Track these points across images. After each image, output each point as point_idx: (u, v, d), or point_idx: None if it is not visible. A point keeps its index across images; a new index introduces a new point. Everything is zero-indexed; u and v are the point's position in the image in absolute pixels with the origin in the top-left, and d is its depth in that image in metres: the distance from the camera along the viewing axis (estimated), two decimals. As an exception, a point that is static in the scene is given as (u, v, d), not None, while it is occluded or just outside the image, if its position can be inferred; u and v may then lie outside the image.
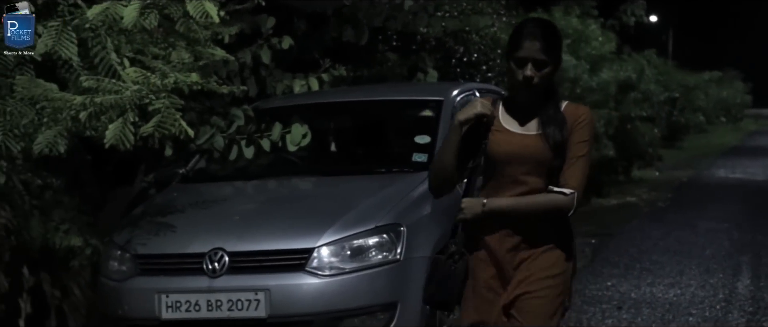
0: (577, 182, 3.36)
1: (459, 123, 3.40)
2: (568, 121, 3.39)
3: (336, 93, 6.76)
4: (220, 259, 5.00)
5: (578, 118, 3.40)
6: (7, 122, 4.82)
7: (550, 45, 3.35)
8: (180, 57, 5.11)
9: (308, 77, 6.85)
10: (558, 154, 3.37)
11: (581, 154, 3.37)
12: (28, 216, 5.58)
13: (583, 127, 3.39)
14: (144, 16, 5.03)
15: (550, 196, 3.36)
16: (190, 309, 4.98)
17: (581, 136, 3.38)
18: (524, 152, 3.38)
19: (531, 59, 3.31)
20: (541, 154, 3.37)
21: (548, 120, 3.38)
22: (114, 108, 4.86)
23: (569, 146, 3.37)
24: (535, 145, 3.38)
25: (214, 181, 5.94)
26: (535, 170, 3.38)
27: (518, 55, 3.33)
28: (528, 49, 3.32)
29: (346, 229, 5.01)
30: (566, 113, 3.41)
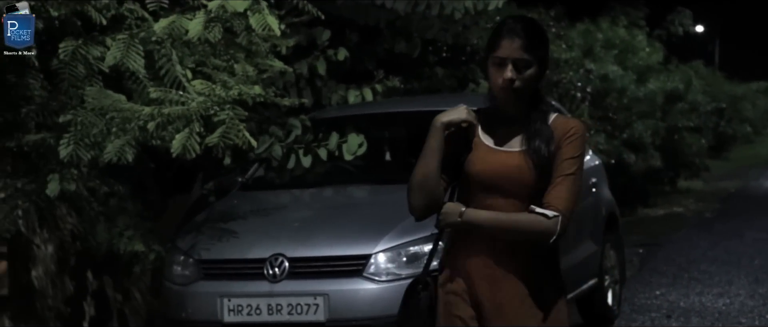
0: (563, 204, 2.88)
1: (442, 124, 2.95)
2: (555, 135, 2.93)
3: (390, 103, 6.91)
4: (280, 264, 5.17)
5: (567, 132, 2.93)
6: (78, 132, 5.03)
7: (532, 44, 2.91)
8: (244, 69, 5.29)
9: (362, 88, 7.02)
10: (543, 175, 2.92)
11: (569, 173, 2.90)
12: (94, 222, 5.78)
13: (573, 141, 2.93)
14: (208, 30, 5.23)
15: (530, 217, 2.88)
16: (251, 313, 5.15)
17: (570, 151, 2.92)
18: (503, 172, 2.93)
19: (511, 59, 2.88)
20: (523, 175, 2.92)
21: (533, 134, 2.93)
22: (180, 118, 5.06)
23: (556, 163, 2.91)
24: (517, 164, 2.93)
25: (273, 189, 6.11)
26: (516, 194, 2.93)
27: (496, 55, 2.90)
28: (507, 48, 2.89)
29: (402, 236, 5.16)
30: (554, 126, 2.95)
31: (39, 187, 5.24)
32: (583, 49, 12.98)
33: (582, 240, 6.65)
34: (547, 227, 2.87)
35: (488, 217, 2.92)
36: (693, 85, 16.99)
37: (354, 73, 7.53)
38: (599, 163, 7.40)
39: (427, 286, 3.08)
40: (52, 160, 5.21)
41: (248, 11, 5.23)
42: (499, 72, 2.90)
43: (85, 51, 5.15)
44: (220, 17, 5.25)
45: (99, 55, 5.18)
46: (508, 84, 2.89)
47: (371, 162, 6.30)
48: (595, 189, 6.99)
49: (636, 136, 13.12)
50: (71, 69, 5.18)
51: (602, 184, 7.18)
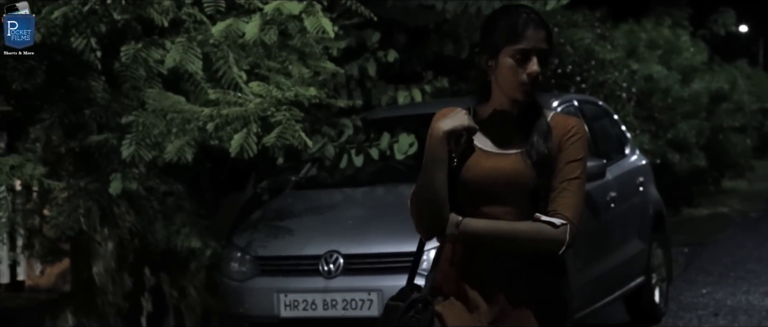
0: (571, 211, 2.63)
1: (445, 134, 2.64)
2: (554, 135, 2.68)
3: (439, 104, 7.01)
4: (335, 260, 5.31)
5: (568, 132, 2.68)
6: (140, 132, 5.20)
7: (550, 35, 2.70)
8: (300, 72, 5.43)
9: (411, 89, 7.14)
10: (543, 178, 2.66)
11: (573, 177, 2.65)
12: (152, 220, 5.94)
13: (575, 142, 2.68)
14: (264, 32, 5.37)
15: (536, 226, 2.62)
16: (307, 308, 5.29)
17: (573, 153, 2.67)
18: (501, 177, 2.66)
19: (537, 51, 2.62)
20: (522, 179, 2.66)
21: (531, 134, 2.68)
22: (238, 119, 5.21)
23: (558, 167, 2.66)
24: (514, 167, 2.66)
25: (325, 188, 6.24)
26: (516, 201, 2.66)
27: (521, 47, 2.61)
28: (533, 39, 2.62)
29: (454, 234, 5.26)
30: (553, 125, 2.70)
31: (101, 186, 5.41)
32: (626, 50, 13.00)
33: (629, 238, 6.72)
34: (555, 236, 2.60)
35: (488, 227, 2.64)
36: (738, 84, 16.92)
37: (402, 74, 7.65)
38: (646, 163, 7.46)
39: (428, 304, 2.72)
40: (114, 159, 5.38)
41: (303, 14, 5.38)
42: (522, 66, 2.61)
43: (146, 54, 5.32)
44: (276, 20, 5.40)
45: (159, 58, 5.35)
46: (535, 79, 2.62)
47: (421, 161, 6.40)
48: (643, 188, 7.05)
49: (680, 136, 13.11)
50: (132, 71, 5.35)
51: (649, 184, 7.24)
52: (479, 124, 2.69)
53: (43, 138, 5.44)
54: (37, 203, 5.74)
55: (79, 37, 5.11)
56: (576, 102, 6.75)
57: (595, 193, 6.13)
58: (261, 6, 5.42)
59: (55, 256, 5.84)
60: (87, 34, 5.12)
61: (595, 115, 6.99)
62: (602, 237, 6.25)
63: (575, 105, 6.67)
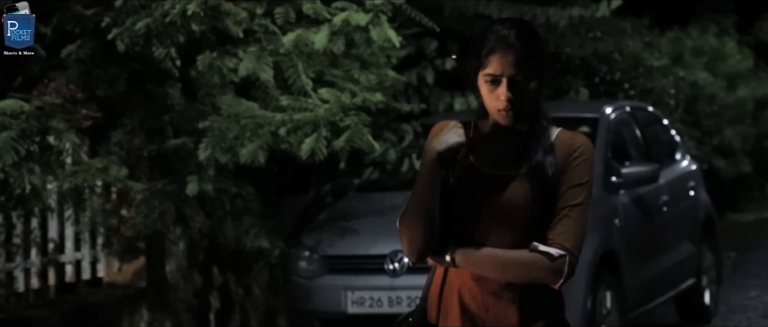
0: (571, 241, 2.42)
1: (437, 154, 2.45)
2: (559, 155, 2.46)
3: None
4: (400, 259, 5.56)
5: (574, 152, 2.46)
6: (216, 137, 5.50)
7: (530, 53, 2.44)
8: (367, 79, 5.71)
9: (467, 95, 7.39)
10: (544, 202, 2.44)
11: (576, 203, 2.44)
12: (222, 220, 6.24)
13: (581, 163, 2.46)
14: (332, 42, 5.66)
15: (533, 257, 2.41)
16: (373, 305, 5.56)
17: (578, 176, 2.45)
18: (496, 199, 2.46)
19: (507, 77, 2.42)
20: (520, 203, 2.45)
21: (532, 153, 2.46)
22: (309, 124, 5.50)
23: (561, 190, 2.44)
24: (513, 189, 2.45)
25: (387, 191, 6.50)
26: (512, 226, 2.46)
27: (488, 72, 2.44)
28: (500, 63, 2.42)
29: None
30: (558, 144, 2.48)
31: (178, 187, 5.71)
32: (672, 57, 13.15)
33: (680, 241, 6.91)
34: (553, 269, 2.40)
35: (483, 258, 2.45)
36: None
37: (458, 81, 7.89)
38: (696, 168, 7.65)
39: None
40: (190, 162, 5.68)
41: (369, 25, 5.65)
42: (493, 92, 2.44)
43: (220, 63, 5.62)
44: (343, 30, 5.68)
45: (232, 67, 5.65)
46: (508, 107, 2.43)
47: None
48: (693, 192, 7.25)
49: (726, 142, 13.24)
50: (207, 79, 5.66)
51: (699, 188, 7.43)
52: (479, 140, 2.51)
53: (125, 142, 5.75)
54: (115, 204, 6.05)
55: (160, 46, 5.42)
56: (628, 108, 6.97)
57: (647, 196, 6.34)
58: (329, 17, 5.70)
59: (132, 254, 6.15)
60: (167, 44, 5.43)
61: (647, 120, 7.19)
62: (654, 240, 6.45)
63: (628, 111, 6.88)
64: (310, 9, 5.75)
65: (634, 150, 6.69)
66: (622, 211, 6.03)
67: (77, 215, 5.72)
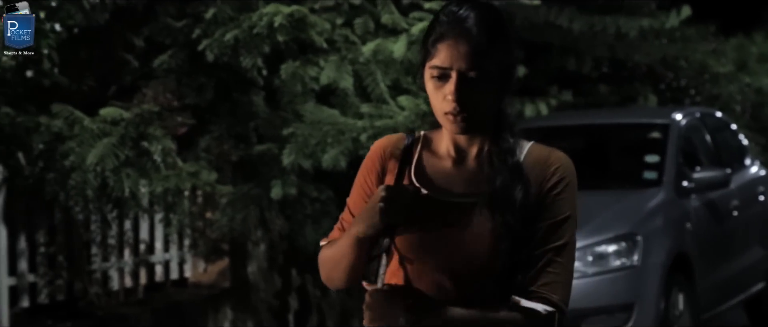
0: (560, 293, 1.92)
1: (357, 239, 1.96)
2: (532, 177, 1.94)
3: (569, 116, 7.43)
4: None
5: (551, 175, 1.94)
6: (299, 143, 5.73)
7: (491, 42, 1.90)
8: (446, 86, 5.90)
9: (537, 102, 7.56)
10: (512, 237, 1.90)
11: (561, 243, 1.93)
12: (303, 224, 6.47)
13: (562, 191, 1.94)
14: (410, 51, 5.87)
15: (512, 318, 1.90)
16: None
17: (560, 209, 1.93)
18: (450, 235, 1.92)
19: (458, 71, 1.90)
20: (481, 238, 1.91)
21: (498, 177, 1.92)
22: (388, 130, 5.71)
23: (538, 227, 1.92)
24: (472, 222, 1.92)
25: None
26: (472, 270, 1.92)
27: (435, 64, 1.92)
28: (449, 55, 1.90)
29: (587, 238, 5.66)
30: (530, 163, 1.95)
31: (262, 191, 5.96)
32: (737, 63, 13.16)
33: (750, 245, 7.00)
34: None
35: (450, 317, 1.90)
36: None
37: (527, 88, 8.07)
38: (766, 174, 7.72)
39: None
40: (274, 167, 5.92)
41: (446, 34, 5.84)
42: (440, 90, 1.92)
43: (303, 71, 5.86)
44: (420, 39, 5.87)
45: (313, 75, 5.89)
46: (456, 110, 1.90)
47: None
48: (763, 197, 7.33)
49: (791, 148, 13.20)
50: (290, 87, 5.90)
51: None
52: (429, 156, 2.00)
53: (213, 148, 6.00)
54: (201, 207, 6.32)
55: (247, 56, 5.67)
56: (698, 113, 7.09)
57: (718, 201, 6.45)
58: (407, 27, 5.92)
59: (217, 255, 6.41)
60: (254, 54, 5.68)
61: (717, 126, 7.29)
62: (725, 243, 6.56)
63: (697, 116, 7.00)
64: (388, 19, 5.97)
65: (705, 155, 6.81)
66: (694, 215, 6.15)
67: (168, 217, 5.99)
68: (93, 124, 5.05)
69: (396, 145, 2.05)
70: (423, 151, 2.03)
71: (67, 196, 5.19)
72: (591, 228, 5.72)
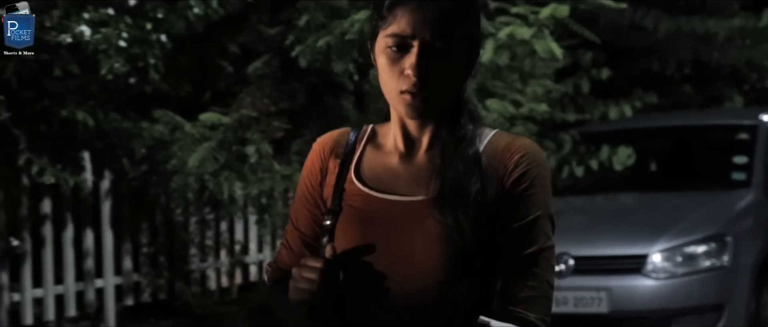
0: (539, 310, 1.62)
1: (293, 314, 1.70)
2: (494, 171, 1.64)
3: (654, 118, 7.45)
4: (566, 261, 5.81)
5: (514, 164, 1.64)
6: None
7: (458, 10, 1.63)
8: (534, 90, 5.99)
9: (621, 104, 7.59)
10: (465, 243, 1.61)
11: (536, 249, 1.63)
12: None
13: (529, 186, 1.63)
14: (497, 55, 5.96)
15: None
16: (540, 304, 5.81)
17: (526, 208, 1.63)
18: (395, 240, 1.64)
19: (420, 41, 1.62)
20: (432, 242, 1.62)
21: (450, 168, 1.64)
22: (477, 133, 5.81)
23: (506, 228, 1.62)
24: (420, 223, 1.63)
25: (547, 197, 6.75)
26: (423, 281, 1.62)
27: (391, 32, 1.63)
28: (411, 20, 1.62)
29: (677, 238, 5.69)
30: (489, 153, 1.66)
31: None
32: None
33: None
34: None
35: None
36: None
37: (610, 90, 8.10)
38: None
39: None
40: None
41: (533, 38, 5.93)
42: (397, 63, 1.63)
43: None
44: (507, 44, 5.98)
45: (403, 79, 6.01)
46: (417, 87, 1.61)
47: (638, 172, 6.86)
48: None
49: None
50: (380, 91, 6.03)
51: None
52: (374, 150, 1.73)
53: (305, 151, 6.17)
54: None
55: (339, 62, 5.82)
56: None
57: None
58: (494, 31, 6.01)
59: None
60: (346, 59, 5.83)
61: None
62: None
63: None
64: (475, 24, 6.06)
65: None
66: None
67: (262, 219, 6.17)
68: (194, 129, 5.24)
69: (337, 141, 1.76)
70: (367, 145, 1.74)
71: (168, 198, 5.39)
72: (680, 229, 5.76)
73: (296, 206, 1.79)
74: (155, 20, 4.67)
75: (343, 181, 1.71)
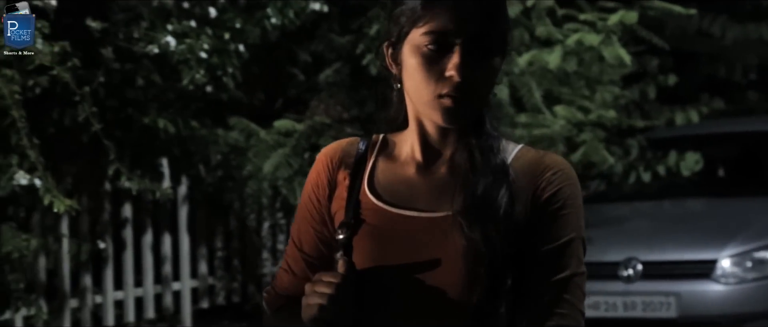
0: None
1: None
2: (524, 188, 1.54)
3: (721, 124, 7.46)
4: (634, 266, 5.85)
5: (546, 182, 1.55)
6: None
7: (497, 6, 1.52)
8: (602, 96, 6.04)
9: (687, 110, 7.59)
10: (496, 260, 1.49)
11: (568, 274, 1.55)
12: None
13: (563, 206, 1.56)
14: (565, 61, 6.02)
15: None
16: (609, 309, 5.86)
17: (559, 229, 1.55)
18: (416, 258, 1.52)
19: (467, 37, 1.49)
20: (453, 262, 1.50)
21: (479, 178, 1.52)
22: (545, 139, 5.88)
23: (537, 248, 1.53)
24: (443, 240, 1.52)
25: (614, 202, 6.79)
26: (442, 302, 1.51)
27: (433, 29, 1.49)
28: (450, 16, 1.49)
29: (746, 244, 5.71)
30: (518, 168, 1.55)
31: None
32: None
33: None
34: None
35: None
36: None
37: (676, 96, 8.10)
38: None
39: None
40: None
41: (601, 45, 5.98)
42: (436, 64, 1.49)
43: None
44: (575, 50, 6.04)
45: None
46: (460, 90, 1.49)
47: (705, 177, 6.87)
48: None
49: None
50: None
51: None
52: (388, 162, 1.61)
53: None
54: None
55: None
56: None
57: None
58: (562, 38, 6.07)
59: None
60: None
61: None
62: None
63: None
64: (543, 31, 6.13)
65: None
66: None
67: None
68: (268, 135, 5.38)
69: (346, 151, 1.63)
70: (380, 156, 1.61)
71: (242, 204, 5.53)
72: (749, 234, 5.77)
73: (299, 225, 1.65)
74: (233, 30, 4.81)
75: (357, 193, 1.57)
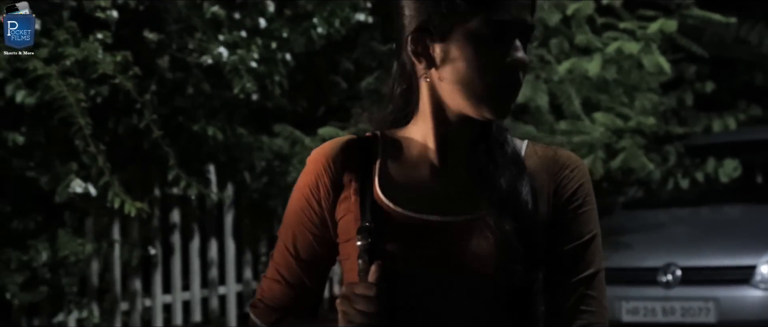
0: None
1: None
2: (543, 184, 1.51)
3: (759, 131, 7.48)
4: (673, 272, 5.91)
5: (566, 179, 1.52)
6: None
7: None
8: (641, 104, 6.10)
9: (724, 117, 7.62)
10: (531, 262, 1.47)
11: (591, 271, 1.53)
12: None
13: (584, 202, 1.53)
14: (605, 69, 6.09)
15: None
16: (647, 314, 5.92)
17: (582, 226, 1.53)
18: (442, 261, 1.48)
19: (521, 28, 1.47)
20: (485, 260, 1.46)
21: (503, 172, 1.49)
22: (585, 146, 5.95)
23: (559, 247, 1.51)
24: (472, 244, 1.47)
25: (652, 208, 6.84)
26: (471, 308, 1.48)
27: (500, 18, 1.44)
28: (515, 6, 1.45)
29: (783, 249, 5.76)
30: (534, 165, 1.52)
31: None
32: None
33: None
34: None
35: None
36: None
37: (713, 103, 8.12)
38: None
39: None
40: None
41: (641, 53, 6.05)
42: (494, 55, 1.45)
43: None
44: (615, 58, 6.11)
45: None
46: (517, 81, 1.47)
47: (743, 183, 6.90)
48: None
49: None
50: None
51: None
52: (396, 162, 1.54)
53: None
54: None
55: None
56: None
57: None
58: (601, 46, 6.14)
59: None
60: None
61: None
62: None
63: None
64: (582, 40, 6.20)
65: None
66: None
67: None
68: (313, 143, 5.48)
69: (347, 152, 1.55)
70: (387, 156, 1.53)
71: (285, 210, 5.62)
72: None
73: (293, 231, 1.58)
74: (280, 39, 4.92)
75: (371, 196, 1.49)
